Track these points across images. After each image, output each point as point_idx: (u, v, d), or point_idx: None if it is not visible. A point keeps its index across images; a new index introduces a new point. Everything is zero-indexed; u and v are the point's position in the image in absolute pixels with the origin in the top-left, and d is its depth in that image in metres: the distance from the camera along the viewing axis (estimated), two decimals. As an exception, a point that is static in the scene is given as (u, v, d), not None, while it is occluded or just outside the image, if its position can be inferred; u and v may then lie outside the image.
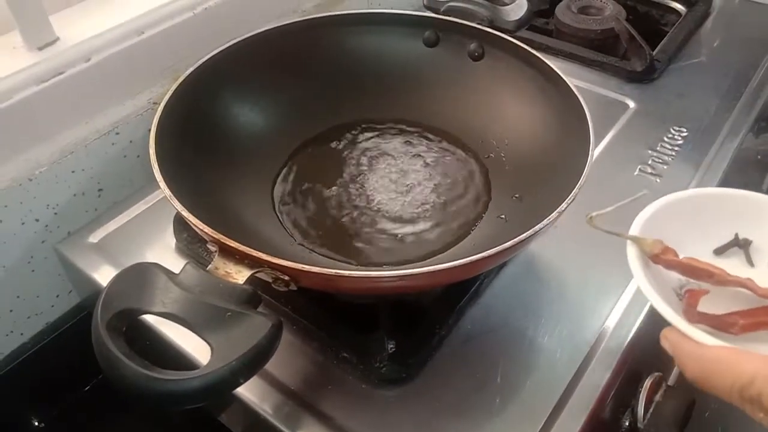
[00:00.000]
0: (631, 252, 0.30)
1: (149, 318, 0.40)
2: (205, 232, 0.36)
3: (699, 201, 0.32)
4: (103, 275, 0.50)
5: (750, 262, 0.30)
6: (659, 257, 0.29)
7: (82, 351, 0.57)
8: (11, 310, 0.53)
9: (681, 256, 0.29)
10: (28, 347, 0.55)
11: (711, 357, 0.23)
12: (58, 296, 0.56)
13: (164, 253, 0.51)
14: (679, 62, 0.71)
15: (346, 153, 0.55)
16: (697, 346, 0.24)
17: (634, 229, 0.31)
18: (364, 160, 0.54)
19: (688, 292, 0.29)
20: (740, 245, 0.31)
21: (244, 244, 0.36)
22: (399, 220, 0.49)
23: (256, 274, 0.36)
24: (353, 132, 0.57)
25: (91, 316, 0.56)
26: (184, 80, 0.49)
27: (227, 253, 0.36)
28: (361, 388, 0.41)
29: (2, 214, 0.49)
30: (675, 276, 0.30)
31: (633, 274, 0.29)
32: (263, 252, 0.35)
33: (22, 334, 0.54)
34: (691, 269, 0.29)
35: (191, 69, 0.50)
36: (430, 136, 0.56)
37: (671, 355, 0.25)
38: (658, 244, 0.29)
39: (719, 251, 0.31)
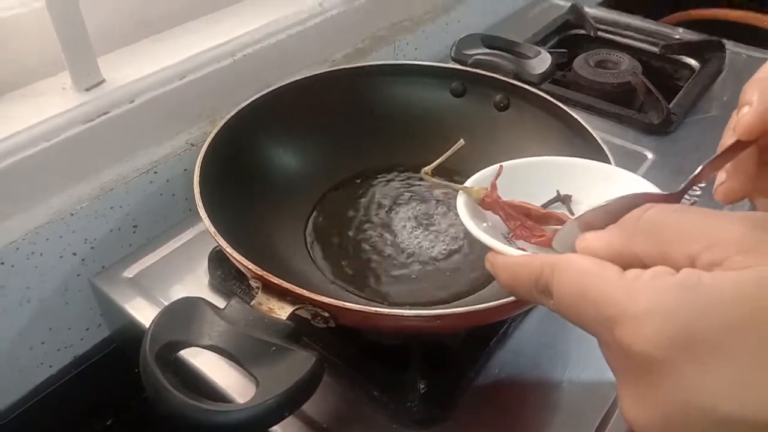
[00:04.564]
0: (460, 200, 0.34)
1: (185, 354, 0.41)
2: (249, 269, 0.38)
3: (525, 168, 0.37)
4: (137, 309, 0.51)
5: (571, 213, 0.34)
6: (485, 201, 0.34)
7: (107, 385, 0.58)
8: (43, 342, 0.54)
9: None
10: (55, 379, 0.56)
11: (514, 263, 0.27)
12: (87, 329, 0.57)
13: (198, 289, 0.52)
14: (695, 116, 0.73)
15: (374, 196, 0.57)
16: (506, 257, 0.28)
17: (467, 183, 0.35)
18: (391, 203, 0.56)
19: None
20: (562, 200, 0.35)
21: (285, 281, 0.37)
22: (426, 262, 0.51)
23: (297, 311, 0.37)
24: (381, 176, 0.59)
25: (119, 351, 0.58)
26: (224, 124, 0.51)
27: (270, 289, 0.37)
28: (391, 428, 0.42)
29: (43, 247, 0.50)
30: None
31: (460, 218, 0.33)
32: (305, 289, 0.36)
33: (50, 366, 0.55)
34: (511, 207, 0.34)
35: (231, 114, 0.52)
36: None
37: (491, 273, 0.29)
38: (482, 190, 0.34)
39: (544, 206, 0.35)
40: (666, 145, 0.68)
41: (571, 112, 0.52)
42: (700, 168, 0.30)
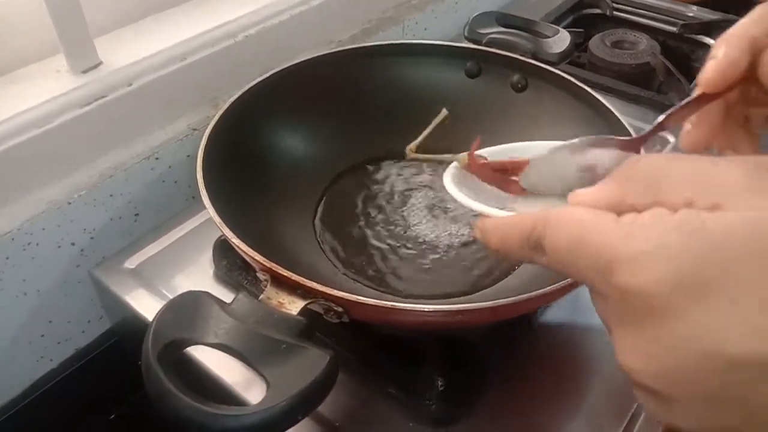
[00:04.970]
0: (447, 173, 0.34)
1: (190, 349, 0.39)
2: (258, 261, 0.35)
3: (511, 150, 0.36)
4: (139, 301, 0.49)
5: None
6: (472, 165, 0.33)
7: (109, 378, 0.56)
8: (42, 335, 0.52)
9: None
10: (56, 373, 0.54)
11: (504, 223, 0.26)
12: (89, 322, 0.55)
13: (202, 280, 0.50)
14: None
15: (385, 182, 0.54)
16: (496, 219, 0.27)
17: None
18: (404, 189, 0.54)
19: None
20: None
21: (296, 273, 0.35)
22: (441, 251, 0.49)
23: (309, 305, 0.35)
24: (392, 161, 0.56)
25: (121, 344, 0.56)
26: (227, 108, 0.49)
27: (279, 282, 0.35)
28: (408, 427, 0.40)
29: (39, 237, 0.48)
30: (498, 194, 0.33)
31: (446, 187, 0.33)
32: (317, 282, 0.34)
33: (51, 360, 0.53)
34: (499, 165, 0.33)
35: (234, 97, 0.50)
36: (471, 166, 0.55)
37: (480, 240, 0.28)
38: (467, 155, 0.33)
39: None
40: (687, 128, 0.65)
41: (593, 93, 0.49)
42: (663, 116, 0.30)
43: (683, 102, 0.30)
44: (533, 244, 0.24)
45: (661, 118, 0.30)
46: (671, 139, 0.64)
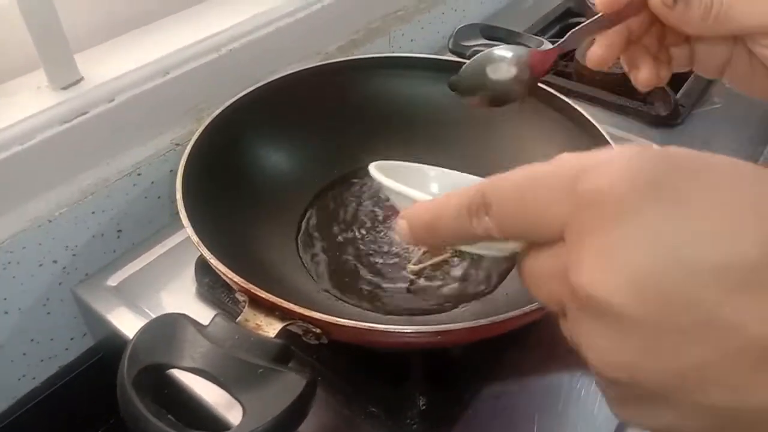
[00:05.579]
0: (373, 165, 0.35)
1: (174, 370, 0.38)
2: (236, 282, 0.35)
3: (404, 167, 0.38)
4: (122, 319, 0.48)
5: None
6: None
7: (94, 395, 0.56)
8: (24, 354, 0.51)
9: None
10: (39, 392, 0.53)
11: (440, 199, 0.24)
12: (72, 339, 0.54)
13: (184, 298, 0.49)
14: (702, 107, 0.70)
15: (370, 197, 0.54)
16: (425, 202, 0.25)
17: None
18: (389, 203, 0.54)
19: None
20: None
21: (274, 294, 0.34)
22: (425, 266, 0.48)
23: (287, 327, 0.34)
24: (377, 175, 0.56)
25: (105, 361, 0.56)
26: (210, 123, 0.48)
27: (257, 304, 0.35)
28: (390, 446, 0.39)
29: (20, 256, 0.48)
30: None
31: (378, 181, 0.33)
32: (296, 303, 0.34)
33: (34, 378, 0.53)
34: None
35: (217, 111, 0.50)
36: (456, 179, 0.55)
37: (405, 228, 0.25)
38: None
39: None
40: (674, 138, 0.65)
41: (575, 106, 0.49)
42: (571, 33, 0.34)
43: (587, 21, 0.34)
44: (475, 208, 0.22)
45: (569, 34, 0.35)
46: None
